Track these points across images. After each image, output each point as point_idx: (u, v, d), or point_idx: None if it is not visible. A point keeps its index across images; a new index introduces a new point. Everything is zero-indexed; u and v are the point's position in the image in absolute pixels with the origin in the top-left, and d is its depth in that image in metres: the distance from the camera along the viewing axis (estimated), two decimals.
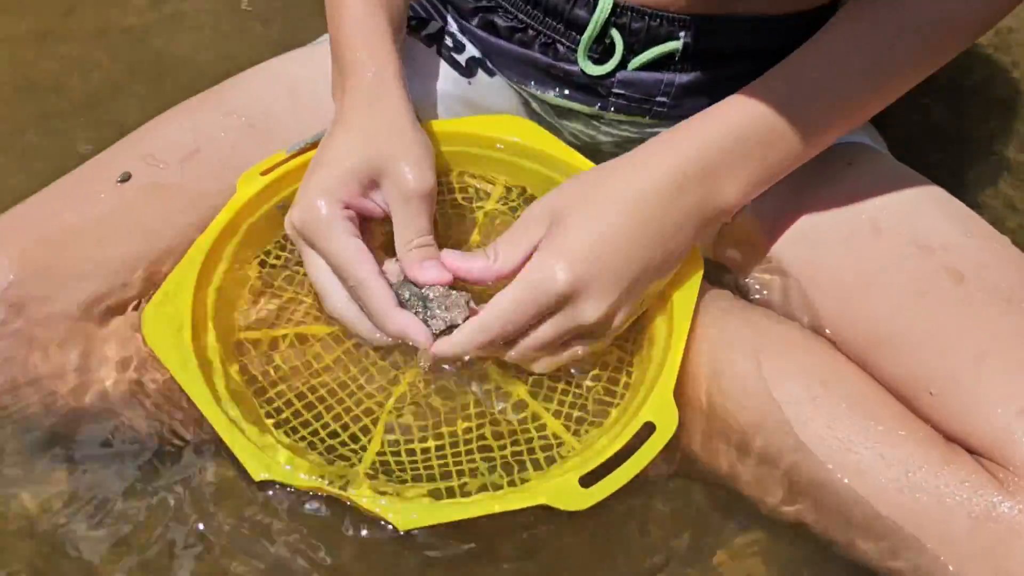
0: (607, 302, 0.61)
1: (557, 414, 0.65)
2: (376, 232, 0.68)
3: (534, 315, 0.61)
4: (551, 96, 0.77)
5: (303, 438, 0.64)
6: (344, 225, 0.63)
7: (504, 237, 0.63)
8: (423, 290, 0.63)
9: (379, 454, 0.63)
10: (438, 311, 0.63)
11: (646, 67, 0.73)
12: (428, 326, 0.62)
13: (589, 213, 0.62)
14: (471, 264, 0.63)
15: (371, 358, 0.68)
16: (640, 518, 0.66)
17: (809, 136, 0.65)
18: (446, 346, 0.63)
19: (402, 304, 0.63)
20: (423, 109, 0.79)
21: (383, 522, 0.58)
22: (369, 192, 0.65)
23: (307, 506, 0.61)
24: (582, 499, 0.58)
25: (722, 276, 0.74)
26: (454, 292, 0.63)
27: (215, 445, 0.64)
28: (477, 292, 0.65)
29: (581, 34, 0.73)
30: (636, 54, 0.72)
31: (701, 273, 0.69)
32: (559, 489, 0.58)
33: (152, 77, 1.04)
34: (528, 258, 0.62)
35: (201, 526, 0.65)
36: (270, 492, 0.60)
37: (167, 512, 0.65)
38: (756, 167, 0.64)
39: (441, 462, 0.63)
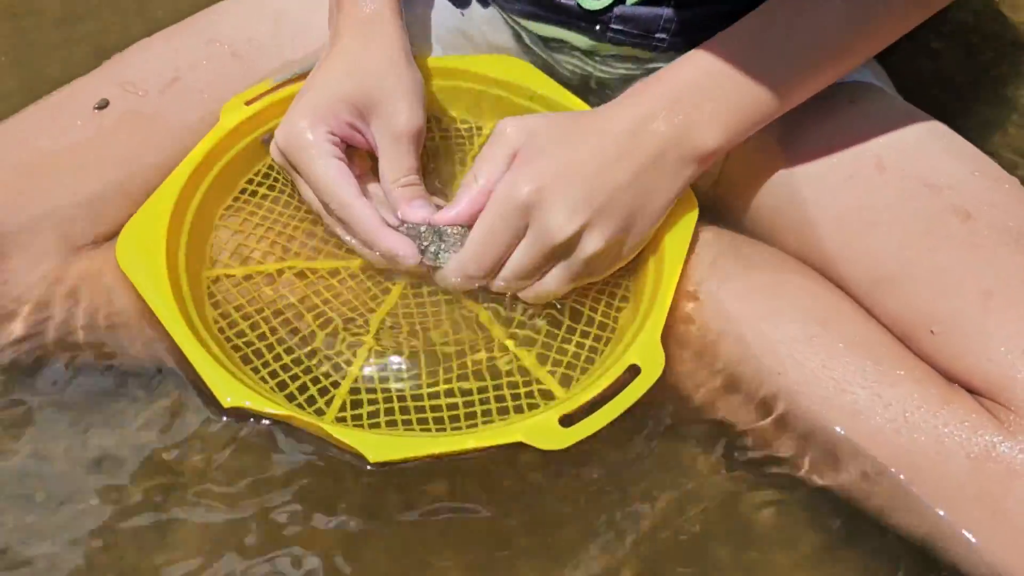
0: (574, 216, 0.59)
1: (543, 359, 0.63)
2: (360, 163, 0.67)
3: (504, 232, 0.60)
4: (545, 27, 0.74)
5: (275, 374, 0.62)
6: (327, 148, 0.62)
7: (481, 155, 0.62)
8: (440, 226, 0.63)
9: (352, 391, 0.61)
10: (454, 247, 0.62)
11: (645, 2, 0.70)
12: (438, 259, 0.62)
13: (559, 140, 0.61)
14: (460, 205, 0.62)
15: (352, 292, 0.66)
16: (628, 466, 0.64)
17: (789, 78, 0.64)
18: (437, 279, 0.63)
19: (418, 235, 0.63)
20: (415, 38, 0.77)
21: (355, 457, 0.56)
22: (357, 124, 0.64)
23: (277, 438, 0.59)
24: (561, 438, 0.56)
25: (719, 216, 0.72)
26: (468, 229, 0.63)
27: (184, 375, 0.62)
28: None
29: None
30: None
31: (695, 214, 0.67)
32: (538, 427, 0.56)
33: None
34: (490, 187, 0.61)
35: (168, 458, 0.63)
36: (237, 423, 0.58)
37: (135, 447, 0.63)
38: (733, 108, 0.63)
39: (417, 404, 0.61)
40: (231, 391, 0.57)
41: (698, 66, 0.63)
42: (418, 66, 0.68)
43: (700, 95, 0.62)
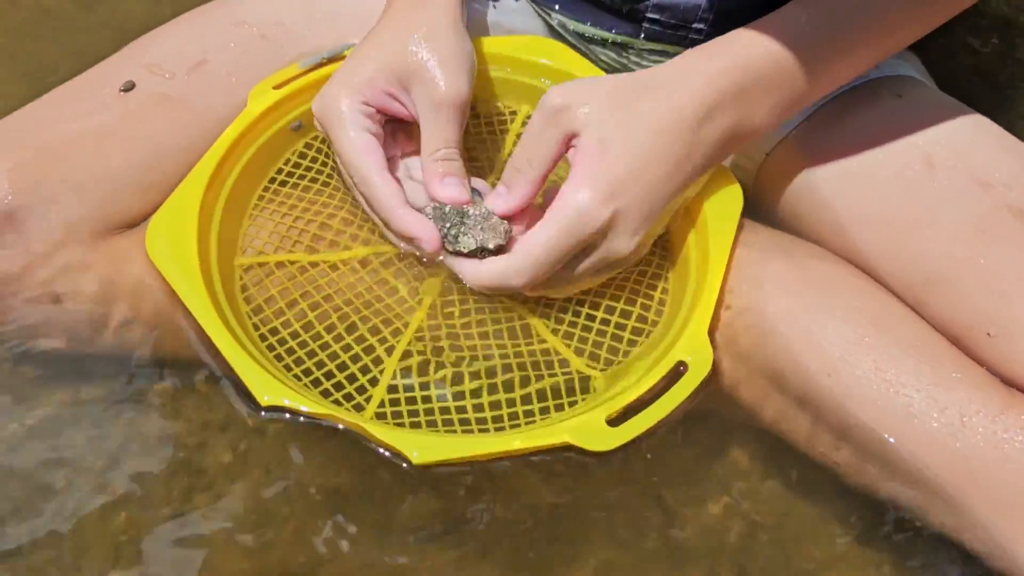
0: (641, 233, 0.59)
1: (579, 352, 0.62)
2: (406, 139, 0.66)
3: (570, 252, 0.58)
4: (576, 23, 0.72)
5: (308, 371, 0.60)
6: (357, 119, 0.61)
7: (529, 132, 0.59)
8: (466, 206, 0.60)
9: (390, 390, 0.59)
10: (473, 230, 0.59)
11: None
12: (458, 242, 0.59)
13: (624, 134, 0.57)
14: (514, 194, 0.60)
15: (388, 286, 0.64)
16: (666, 471, 0.63)
17: (841, 59, 0.62)
18: (472, 276, 0.60)
19: (442, 216, 0.60)
20: None
21: (395, 456, 0.54)
22: (396, 94, 0.62)
23: (313, 437, 0.57)
24: (609, 438, 0.54)
25: (763, 210, 0.70)
26: (496, 216, 0.60)
27: (217, 371, 0.60)
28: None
29: None
30: None
31: (740, 206, 0.65)
32: (584, 427, 0.55)
33: None
34: (546, 173, 0.59)
35: (201, 459, 0.61)
36: (272, 421, 0.56)
37: (164, 445, 0.61)
38: (787, 91, 0.61)
39: (458, 404, 0.59)
40: (268, 389, 0.55)
41: (763, 51, 0.60)
42: (469, 39, 0.65)
43: (765, 83, 0.60)
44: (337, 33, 0.73)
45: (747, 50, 0.61)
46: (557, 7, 0.73)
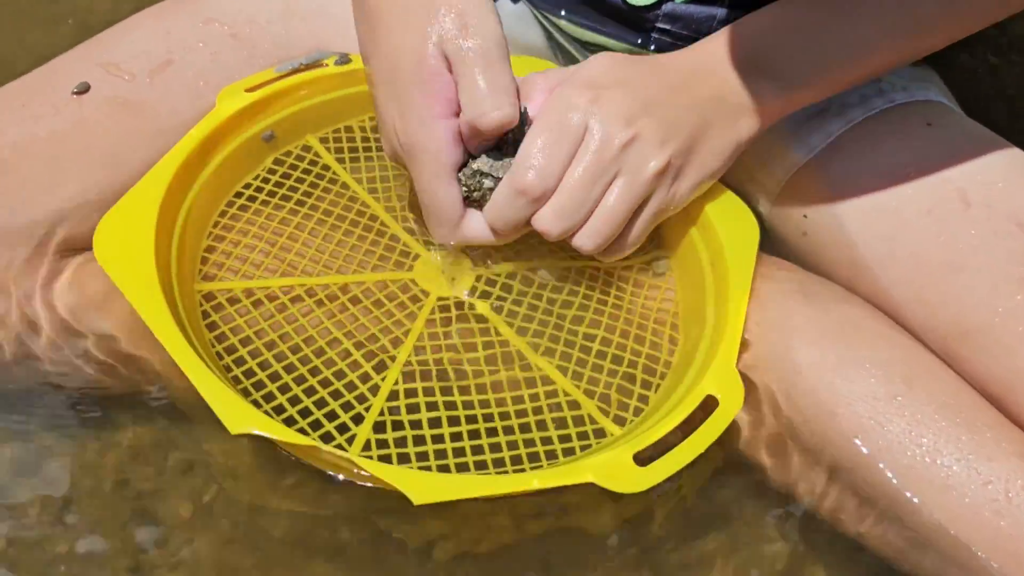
0: (668, 147, 0.55)
1: (589, 394, 0.56)
2: None
3: (603, 183, 0.55)
4: (582, 31, 0.67)
5: (280, 408, 0.53)
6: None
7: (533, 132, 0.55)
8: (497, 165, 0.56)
9: (376, 428, 0.53)
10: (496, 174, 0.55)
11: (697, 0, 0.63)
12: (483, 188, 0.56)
13: (627, 80, 0.56)
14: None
15: (371, 314, 0.58)
16: (674, 516, 0.57)
17: (853, 50, 0.59)
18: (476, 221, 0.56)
19: (480, 176, 0.55)
20: None
21: (385, 494, 0.48)
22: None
23: (288, 476, 0.50)
24: (638, 479, 0.48)
25: (783, 246, 0.65)
26: None
27: (180, 397, 0.53)
28: None
29: None
30: None
31: (757, 237, 0.60)
32: (610, 465, 0.48)
33: None
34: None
35: (159, 508, 0.55)
36: (240, 463, 0.50)
37: (122, 483, 0.55)
38: (795, 70, 0.59)
39: (456, 445, 0.52)
40: (240, 416, 0.48)
41: (763, 24, 0.59)
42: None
43: (764, 52, 0.58)
44: (316, 34, 0.68)
45: (745, 22, 0.59)
46: (563, 12, 0.67)
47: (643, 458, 0.49)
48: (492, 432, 0.53)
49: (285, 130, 0.64)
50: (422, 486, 0.47)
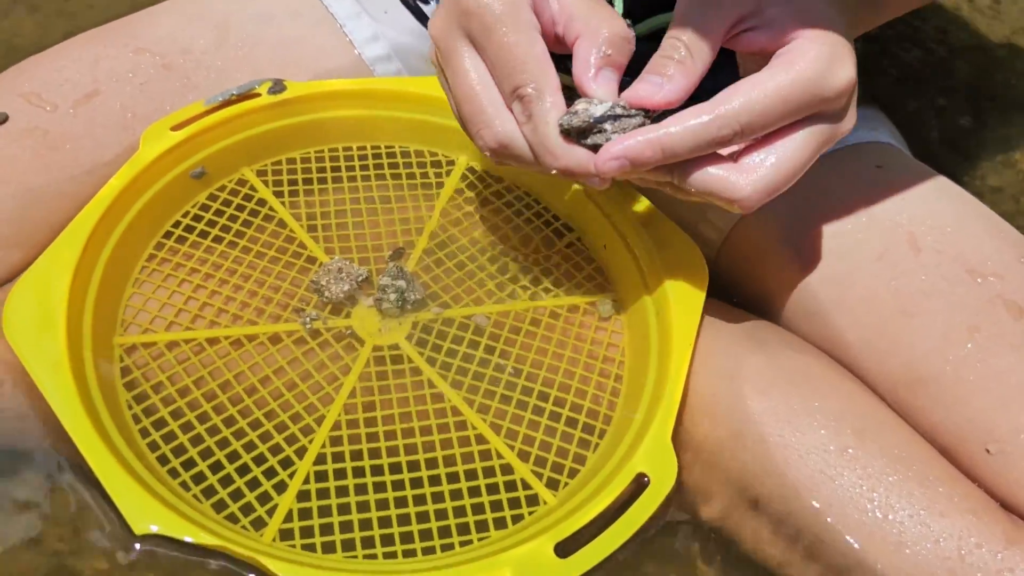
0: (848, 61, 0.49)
1: (524, 456, 0.53)
2: None
3: (787, 114, 0.48)
4: None
5: (201, 476, 0.50)
6: (532, 19, 0.49)
7: (669, 43, 0.49)
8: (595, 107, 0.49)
9: (300, 497, 0.50)
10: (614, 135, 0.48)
11: (650, 37, 0.61)
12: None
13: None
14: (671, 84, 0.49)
15: (302, 368, 0.55)
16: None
17: None
18: (645, 140, 0.47)
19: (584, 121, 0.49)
20: (381, 65, 0.69)
21: None
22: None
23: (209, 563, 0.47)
24: (557, 572, 0.47)
25: (730, 292, 0.63)
26: (635, 122, 0.49)
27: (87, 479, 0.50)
28: None
29: None
30: (636, 21, 0.60)
31: (706, 283, 0.58)
32: (529, 558, 0.47)
33: None
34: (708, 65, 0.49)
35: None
36: (154, 548, 0.47)
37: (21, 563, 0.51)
38: None
39: (381, 514, 0.50)
40: (148, 515, 0.45)
41: None
42: (378, 89, 0.62)
43: None
44: (253, 66, 0.66)
45: None
46: None
47: (566, 544, 0.47)
48: (420, 500, 0.51)
49: (217, 165, 0.61)
50: None
